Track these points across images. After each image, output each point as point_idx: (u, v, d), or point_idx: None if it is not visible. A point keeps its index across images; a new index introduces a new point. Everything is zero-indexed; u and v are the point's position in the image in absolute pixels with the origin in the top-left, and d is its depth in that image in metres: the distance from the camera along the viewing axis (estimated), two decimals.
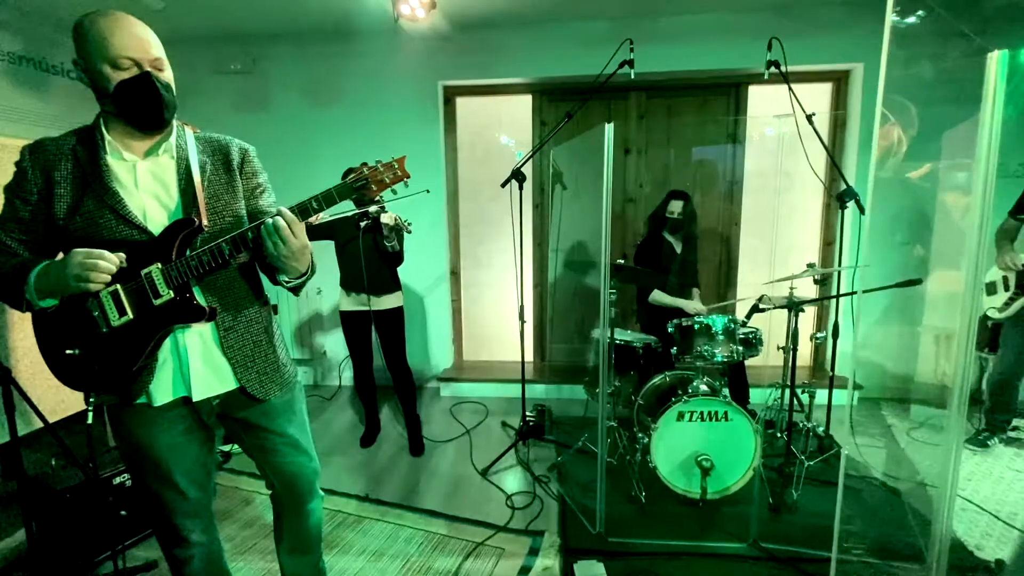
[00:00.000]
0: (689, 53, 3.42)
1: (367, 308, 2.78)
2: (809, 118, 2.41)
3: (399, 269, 2.88)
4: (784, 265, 3.67)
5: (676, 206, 2.97)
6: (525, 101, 3.84)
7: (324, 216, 2.64)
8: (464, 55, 3.60)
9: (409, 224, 2.67)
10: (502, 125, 3.96)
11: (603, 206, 1.89)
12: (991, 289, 2.75)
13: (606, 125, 1.86)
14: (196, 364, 1.18)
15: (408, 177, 1.24)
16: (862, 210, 2.56)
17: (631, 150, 3.78)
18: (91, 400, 1.17)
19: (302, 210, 1.13)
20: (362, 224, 2.64)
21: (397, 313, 2.86)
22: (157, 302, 1.11)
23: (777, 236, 3.78)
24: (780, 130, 3.64)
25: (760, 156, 3.61)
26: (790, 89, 2.44)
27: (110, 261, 1.05)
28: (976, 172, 1.20)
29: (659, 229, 3.05)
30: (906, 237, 3.37)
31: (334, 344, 4.03)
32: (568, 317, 3.95)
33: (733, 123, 3.64)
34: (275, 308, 3.54)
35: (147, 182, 1.15)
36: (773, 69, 2.42)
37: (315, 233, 2.72)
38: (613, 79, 2.58)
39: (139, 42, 1.08)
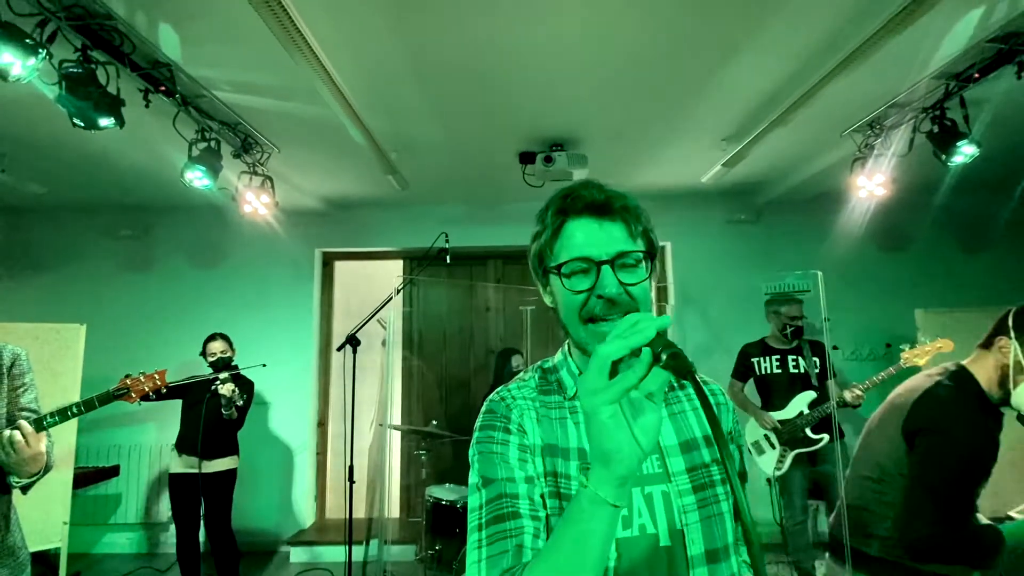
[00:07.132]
0: (530, 232, 4.05)
1: (196, 471, 2.76)
2: None
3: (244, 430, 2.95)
4: None
5: (517, 360, 3.31)
6: (398, 264, 4.31)
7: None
8: (340, 226, 4.09)
9: (243, 397, 2.80)
10: (377, 282, 4.35)
11: (386, 382, 2.15)
12: (759, 449, 2.91)
13: (391, 314, 2.20)
14: None
15: (166, 385, 1.52)
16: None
17: (491, 308, 4.22)
18: None
19: (37, 423, 1.33)
20: (212, 387, 2.74)
21: (228, 476, 2.86)
22: None
23: None
24: None
25: None
26: None
27: None
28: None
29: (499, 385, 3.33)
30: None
31: None
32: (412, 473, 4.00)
33: None
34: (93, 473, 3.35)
35: None
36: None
37: (169, 393, 2.76)
38: (474, 250, 2.99)
39: None
